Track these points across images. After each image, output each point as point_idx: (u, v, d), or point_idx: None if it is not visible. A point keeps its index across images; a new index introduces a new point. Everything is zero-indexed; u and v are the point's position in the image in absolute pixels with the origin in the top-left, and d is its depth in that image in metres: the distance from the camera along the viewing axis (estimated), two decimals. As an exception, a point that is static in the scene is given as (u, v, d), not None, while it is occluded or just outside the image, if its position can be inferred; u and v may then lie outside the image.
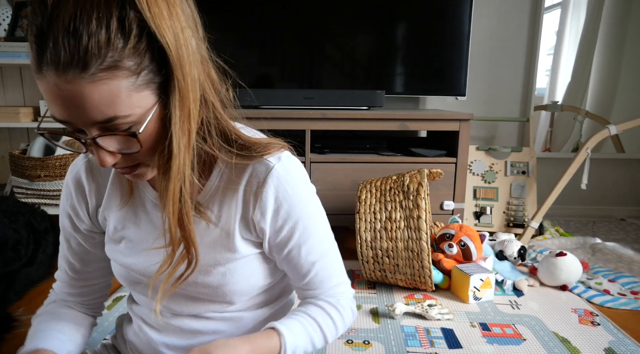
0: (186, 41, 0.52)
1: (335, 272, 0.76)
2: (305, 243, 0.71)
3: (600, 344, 1.28)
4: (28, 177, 1.99)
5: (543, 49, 2.52)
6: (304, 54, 2.26)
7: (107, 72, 0.47)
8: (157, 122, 0.54)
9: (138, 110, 0.51)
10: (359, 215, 1.62)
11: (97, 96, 0.48)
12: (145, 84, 0.51)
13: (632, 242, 2.19)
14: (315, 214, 0.73)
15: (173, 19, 0.51)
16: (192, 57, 0.53)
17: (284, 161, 0.67)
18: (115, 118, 0.50)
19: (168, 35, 0.50)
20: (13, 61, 2.00)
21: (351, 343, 1.27)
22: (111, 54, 0.47)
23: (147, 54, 0.50)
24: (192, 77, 0.53)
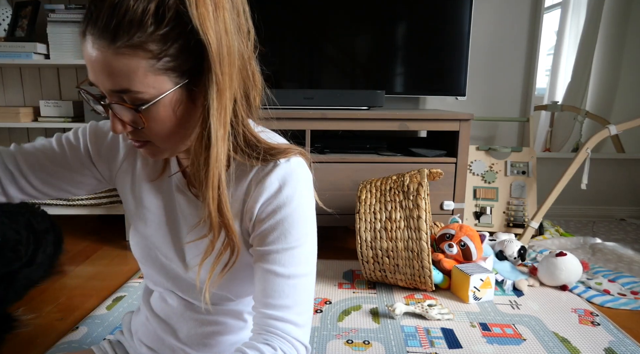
0: (228, 42, 0.57)
1: (297, 304, 0.65)
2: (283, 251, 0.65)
3: (600, 344, 1.28)
4: (28, 177, 1.99)
5: (543, 49, 2.52)
6: (304, 54, 2.26)
7: (131, 49, 0.53)
8: (170, 109, 0.58)
9: (152, 90, 0.56)
10: (359, 215, 1.62)
11: (117, 67, 0.53)
12: (163, 70, 0.55)
13: (632, 242, 2.19)
14: (308, 229, 0.68)
15: (218, 20, 0.55)
16: (232, 58, 0.58)
17: (292, 162, 0.67)
18: (128, 91, 0.55)
19: (210, 34, 0.54)
20: (13, 61, 1.99)
21: (351, 343, 1.27)
22: (139, 34, 0.52)
23: (175, 44, 0.54)
24: (230, 76, 0.58)
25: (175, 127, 0.60)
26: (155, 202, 0.75)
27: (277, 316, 0.64)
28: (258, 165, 0.66)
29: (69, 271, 1.77)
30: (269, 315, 0.64)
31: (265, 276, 0.65)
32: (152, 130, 0.60)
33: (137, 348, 0.85)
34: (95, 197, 2.04)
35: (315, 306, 1.49)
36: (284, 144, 0.69)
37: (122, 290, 1.58)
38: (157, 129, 0.60)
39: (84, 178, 0.78)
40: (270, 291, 0.65)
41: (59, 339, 1.26)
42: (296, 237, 0.66)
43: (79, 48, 2.02)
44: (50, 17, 1.99)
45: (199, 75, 0.57)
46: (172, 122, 0.59)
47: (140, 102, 0.56)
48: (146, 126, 0.58)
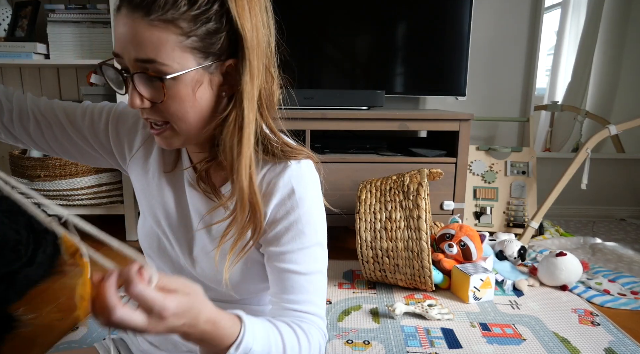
0: (259, 35, 0.62)
1: (317, 298, 0.70)
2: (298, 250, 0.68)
3: (600, 344, 1.28)
4: (28, 177, 1.99)
5: (543, 49, 2.52)
6: (304, 54, 2.26)
7: (163, 22, 0.57)
8: (190, 88, 0.61)
9: (176, 65, 0.59)
10: (359, 215, 1.62)
11: (147, 37, 0.57)
12: (190, 48, 0.59)
13: (632, 242, 2.19)
14: (318, 228, 0.70)
15: (252, 13, 0.61)
16: (261, 50, 0.63)
17: (303, 165, 0.70)
18: (154, 61, 0.58)
19: (247, 24, 0.60)
20: (13, 61, 1.99)
21: (351, 343, 1.27)
22: (172, 11, 0.57)
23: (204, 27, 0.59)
24: (259, 66, 0.62)
25: (193, 108, 0.62)
26: (167, 193, 0.77)
27: (301, 309, 0.68)
28: (270, 162, 0.69)
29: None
30: (292, 308, 0.68)
31: (282, 275, 0.68)
32: (169, 108, 0.62)
33: (139, 344, 0.86)
34: (95, 197, 2.04)
35: (315, 306, 1.49)
36: (298, 145, 0.72)
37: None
38: (175, 108, 0.62)
39: (93, 151, 0.80)
40: (289, 288, 0.68)
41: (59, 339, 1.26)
42: (309, 237, 0.69)
43: (79, 48, 2.02)
44: (50, 17, 1.99)
45: (222, 62, 0.62)
46: (190, 103, 0.62)
47: (164, 74, 0.59)
48: (165, 100, 0.61)
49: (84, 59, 2.01)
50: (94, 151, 0.80)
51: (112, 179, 2.05)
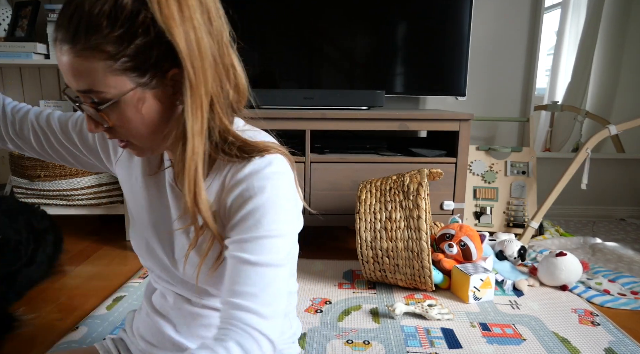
0: (198, 39, 0.58)
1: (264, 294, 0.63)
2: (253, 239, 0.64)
3: (600, 344, 1.28)
4: (28, 177, 1.99)
5: (543, 49, 2.52)
6: (303, 54, 2.26)
7: (89, 51, 0.55)
8: (134, 108, 0.60)
9: (113, 90, 0.58)
10: (359, 215, 1.62)
11: (79, 68, 0.57)
12: (122, 70, 0.57)
13: (632, 242, 2.19)
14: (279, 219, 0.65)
15: (185, 18, 0.56)
16: (203, 54, 0.59)
17: (267, 158, 0.66)
18: (91, 91, 0.58)
19: (177, 32, 0.56)
20: (13, 61, 2.00)
21: (351, 343, 1.27)
22: (95, 37, 0.55)
23: (132, 45, 0.56)
24: (203, 72, 0.59)
25: (143, 125, 0.62)
26: (150, 195, 0.77)
27: (241, 305, 0.62)
28: (233, 161, 0.66)
29: (69, 271, 1.77)
30: (233, 304, 0.62)
31: (233, 264, 0.64)
32: (122, 129, 0.62)
33: (139, 343, 0.87)
34: (95, 197, 2.04)
35: (315, 306, 1.49)
36: (265, 142, 0.68)
37: (122, 290, 1.58)
38: (127, 128, 0.62)
39: (85, 157, 0.84)
40: (237, 278, 0.63)
41: (59, 339, 1.26)
42: (267, 228, 0.64)
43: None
44: (50, 17, 1.99)
45: (163, 74, 0.59)
46: (139, 121, 0.61)
47: (104, 101, 0.59)
48: (112, 124, 0.61)
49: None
50: (85, 157, 0.84)
51: (112, 179, 2.05)
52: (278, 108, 1.99)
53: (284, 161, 0.68)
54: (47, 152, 0.84)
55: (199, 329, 0.80)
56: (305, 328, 1.35)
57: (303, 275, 1.74)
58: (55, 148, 0.83)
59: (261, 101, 2.08)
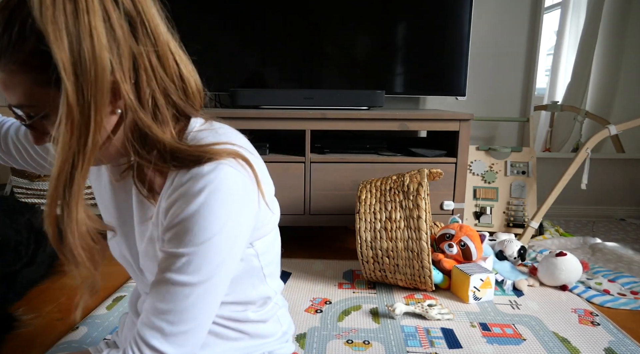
0: (94, 49, 0.52)
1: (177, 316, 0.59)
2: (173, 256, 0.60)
3: (600, 344, 1.28)
4: (28, 177, 1.99)
5: (543, 49, 2.52)
6: (303, 54, 2.26)
7: (14, 65, 0.53)
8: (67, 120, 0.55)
9: (42, 103, 0.55)
10: (359, 215, 1.62)
11: (8, 83, 0.55)
12: (49, 82, 0.52)
13: (632, 242, 2.19)
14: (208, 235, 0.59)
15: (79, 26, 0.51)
16: (100, 65, 0.52)
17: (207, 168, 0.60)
18: (22, 106, 0.57)
19: (60, 46, 0.50)
20: (13, 61, 1.99)
21: (351, 343, 1.27)
22: (16, 51, 0.53)
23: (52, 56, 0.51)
24: (99, 86, 0.53)
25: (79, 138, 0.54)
26: (118, 200, 0.77)
27: (144, 320, 0.60)
28: (176, 171, 0.62)
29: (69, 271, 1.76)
30: (141, 318, 0.61)
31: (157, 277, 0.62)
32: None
33: None
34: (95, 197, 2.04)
35: (315, 306, 1.49)
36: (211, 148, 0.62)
37: (122, 290, 1.58)
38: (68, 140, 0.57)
39: None
40: (152, 293, 0.61)
41: (59, 339, 1.26)
42: (188, 245, 0.59)
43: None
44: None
45: None
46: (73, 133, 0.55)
47: (36, 115, 0.57)
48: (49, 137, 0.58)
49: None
50: None
51: (112, 179, 2.05)
52: (278, 108, 1.99)
53: (228, 169, 0.61)
54: (31, 165, 0.87)
55: None
56: (305, 328, 1.35)
57: (303, 275, 1.74)
58: (37, 160, 0.85)
59: (261, 100, 2.09)
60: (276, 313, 0.86)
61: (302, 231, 2.31)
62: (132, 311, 0.86)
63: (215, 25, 2.27)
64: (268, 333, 0.84)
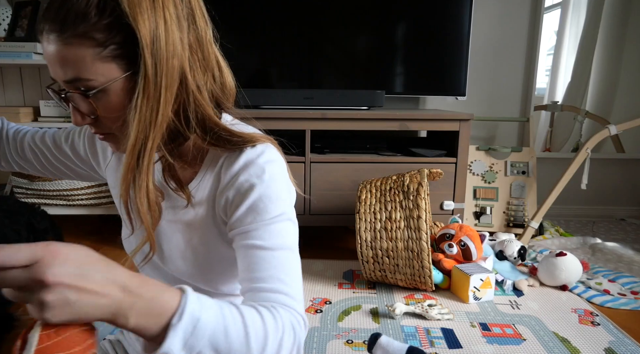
0: (167, 33, 0.58)
1: (285, 276, 0.63)
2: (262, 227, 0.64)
3: (600, 344, 1.28)
4: (28, 177, 1.99)
5: (543, 49, 2.52)
6: (303, 54, 2.26)
7: (77, 38, 0.55)
8: (122, 97, 0.59)
9: (101, 78, 0.58)
10: (359, 215, 1.62)
11: (66, 56, 0.56)
12: (111, 57, 0.57)
13: (632, 242, 2.19)
14: (281, 205, 0.66)
15: (156, 14, 0.57)
16: (171, 50, 0.58)
17: (259, 148, 0.67)
18: (78, 79, 0.57)
19: (143, 27, 0.56)
20: (13, 61, 1.99)
21: (351, 343, 1.27)
22: (84, 25, 0.55)
23: (119, 34, 0.56)
24: (170, 66, 0.58)
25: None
26: None
27: (267, 288, 0.60)
28: (225, 153, 0.67)
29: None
30: (259, 288, 0.61)
31: (247, 253, 0.64)
32: (107, 119, 0.61)
33: (136, 345, 0.87)
34: (95, 197, 2.04)
35: (315, 306, 1.49)
36: (253, 133, 0.69)
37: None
38: (113, 117, 0.61)
39: (80, 169, 0.88)
40: (253, 266, 0.63)
41: (59, 339, 1.26)
42: (272, 214, 0.64)
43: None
44: (50, 17, 1.99)
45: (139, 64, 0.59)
46: (122, 111, 0.60)
47: (92, 89, 0.58)
48: (99, 113, 0.60)
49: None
50: (80, 168, 0.88)
51: (112, 179, 2.06)
52: (278, 108, 1.98)
53: (274, 149, 0.69)
54: (48, 170, 0.89)
55: None
56: (305, 328, 1.35)
57: (303, 275, 1.74)
58: (54, 164, 0.88)
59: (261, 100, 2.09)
60: None
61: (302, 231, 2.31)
62: None
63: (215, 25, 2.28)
64: None
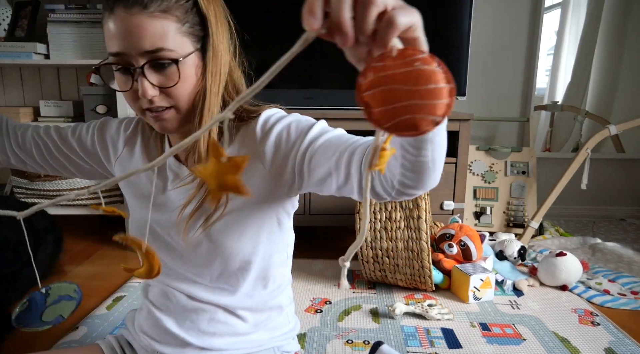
0: (223, 23, 0.72)
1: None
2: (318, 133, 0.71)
3: (600, 344, 1.28)
4: (28, 177, 1.99)
5: (543, 49, 2.52)
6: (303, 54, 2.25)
7: (162, 13, 0.64)
8: (193, 70, 0.68)
9: (180, 50, 0.66)
10: (359, 215, 1.62)
11: (152, 28, 0.63)
12: (187, 34, 0.66)
13: (632, 242, 2.19)
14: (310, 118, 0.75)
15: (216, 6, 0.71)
16: (223, 35, 0.71)
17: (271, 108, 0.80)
18: (162, 49, 0.64)
19: (212, 17, 0.69)
20: (13, 61, 1.99)
21: (351, 343, 1.27)
22: (167, 2, 0.64)
23: (192, 15, 0.67)
24: (223, 46, 0.71)
25: (195, 89, 0.69)
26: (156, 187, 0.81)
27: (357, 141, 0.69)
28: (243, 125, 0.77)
29: (69, 271, 1.77)
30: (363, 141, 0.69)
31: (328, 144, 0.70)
32: (179, 89, 0.67)
33: (141, 340, 0.89)
34: (95, 197, 2.04)
35: (315, 306, 1.49)
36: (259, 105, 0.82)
37: (122, 290, 1.58)
38: (183, 89, 0.68)
39: (85, 164, 0.89)
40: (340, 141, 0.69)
41: (59, 339, 1.26)
42: (310, 122, 0.74)
43: (79, 48, 2.02)
44: (50, 17, 1.99)
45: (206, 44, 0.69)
46: (193, 84, 0.69)
47: (169, 59, 0.65)
48: (178, 83, 0.66)
49: (84, 59, 2.01)
50: (85, 163, 0.89)
51: (112, 179, 2.05)
52: (278, 108, 1.98)
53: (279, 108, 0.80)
54: (47, 163, 0.89)
55: (202, 324, 0.83)
56: (305, 328, 1.35)
57: (303, 275, 1.74)
58: (56, 157, 0.88)
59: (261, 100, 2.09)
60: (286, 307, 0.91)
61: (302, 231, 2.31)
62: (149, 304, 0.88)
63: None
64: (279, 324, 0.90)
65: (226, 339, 0.84)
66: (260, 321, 0.86)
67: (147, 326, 0.87)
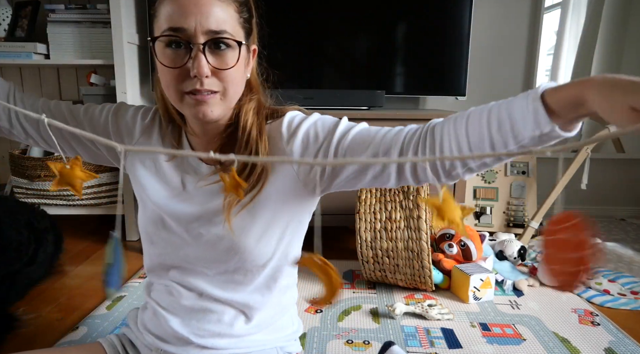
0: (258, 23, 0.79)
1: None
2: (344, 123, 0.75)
3: (600, 344, 1.28)
4: (28, 177, 1.99)
5: (543, 49, 2.52)
6: (303, 54, 2.26)
7: (227, 1, 0.69)
8: (243, 60, 0.73)
9: (237, 37, 0.71)
10: (359, 215, 1.62)
11: (219, 10, 0.68)
12: (241, 25, 0.72)
13: (632, 242, 2.19)
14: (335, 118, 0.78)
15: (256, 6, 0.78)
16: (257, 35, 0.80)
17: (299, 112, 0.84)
18: (225, 32, 0.68)
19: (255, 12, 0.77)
20: (13, 61, 1.99)
21: (351, 343, 1.27)
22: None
23: (246, 10, 0.74)
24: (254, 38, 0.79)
25: (243, 78, 0.75)
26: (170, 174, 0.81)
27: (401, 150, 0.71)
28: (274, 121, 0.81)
29: (69, 271, 1.77)
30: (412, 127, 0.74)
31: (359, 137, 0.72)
32: (232, 73, 0.70)
33: (144, 338, 0.88)
34: (95, 197, 2.04)
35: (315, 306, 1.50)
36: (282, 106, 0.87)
37: (122, 290, 1.58)
38: (235, 74, 0.71)
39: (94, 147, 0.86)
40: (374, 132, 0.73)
41: (59, 339, 1.26)
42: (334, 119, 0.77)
43: (79, 48, 2.02)
44: (50, 17, 1.99)
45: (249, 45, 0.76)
46: (243, 72, 0.74)
47: (227, 44, 0.69)
48: (235, 66, 0.70)
49: (84, 59, 2.01)
50: (94, 146, 0.86)
51: (112, 179, 2.06)
52: (278, 108, 1.98)
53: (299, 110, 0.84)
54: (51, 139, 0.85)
55: (207, 324, 0.82)
56: (305, 328, 1.35)
57: (303, 275, 1.74)
58: (64, 137, 0.85)
59: (261, 101, 2.09)
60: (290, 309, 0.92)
61: (302, 231, 2.30)
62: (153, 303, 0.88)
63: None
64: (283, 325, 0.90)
65: (230, 340, 0.84)
66: (265, 320, 0.86)
67: (151, 325, 0.87)
